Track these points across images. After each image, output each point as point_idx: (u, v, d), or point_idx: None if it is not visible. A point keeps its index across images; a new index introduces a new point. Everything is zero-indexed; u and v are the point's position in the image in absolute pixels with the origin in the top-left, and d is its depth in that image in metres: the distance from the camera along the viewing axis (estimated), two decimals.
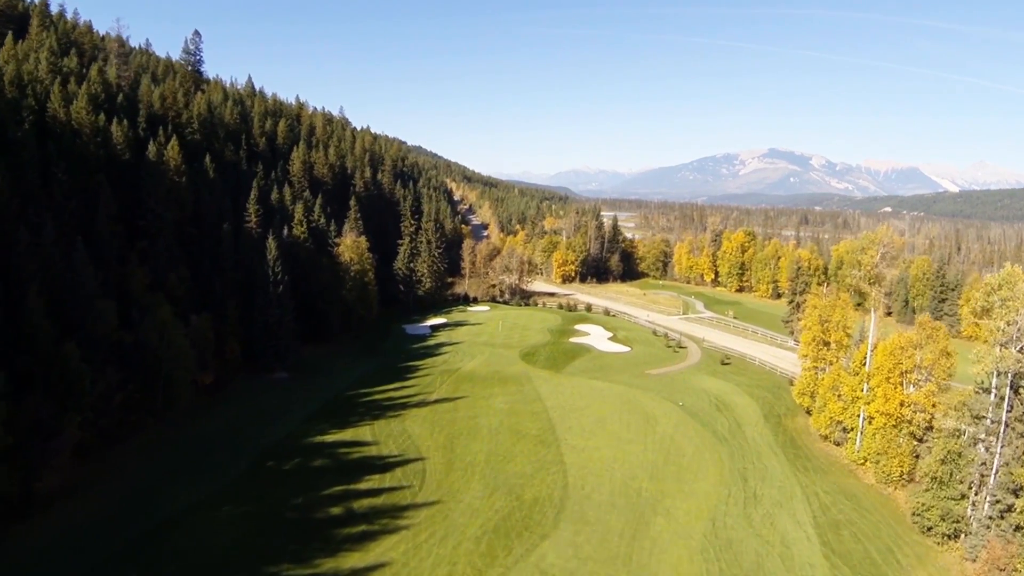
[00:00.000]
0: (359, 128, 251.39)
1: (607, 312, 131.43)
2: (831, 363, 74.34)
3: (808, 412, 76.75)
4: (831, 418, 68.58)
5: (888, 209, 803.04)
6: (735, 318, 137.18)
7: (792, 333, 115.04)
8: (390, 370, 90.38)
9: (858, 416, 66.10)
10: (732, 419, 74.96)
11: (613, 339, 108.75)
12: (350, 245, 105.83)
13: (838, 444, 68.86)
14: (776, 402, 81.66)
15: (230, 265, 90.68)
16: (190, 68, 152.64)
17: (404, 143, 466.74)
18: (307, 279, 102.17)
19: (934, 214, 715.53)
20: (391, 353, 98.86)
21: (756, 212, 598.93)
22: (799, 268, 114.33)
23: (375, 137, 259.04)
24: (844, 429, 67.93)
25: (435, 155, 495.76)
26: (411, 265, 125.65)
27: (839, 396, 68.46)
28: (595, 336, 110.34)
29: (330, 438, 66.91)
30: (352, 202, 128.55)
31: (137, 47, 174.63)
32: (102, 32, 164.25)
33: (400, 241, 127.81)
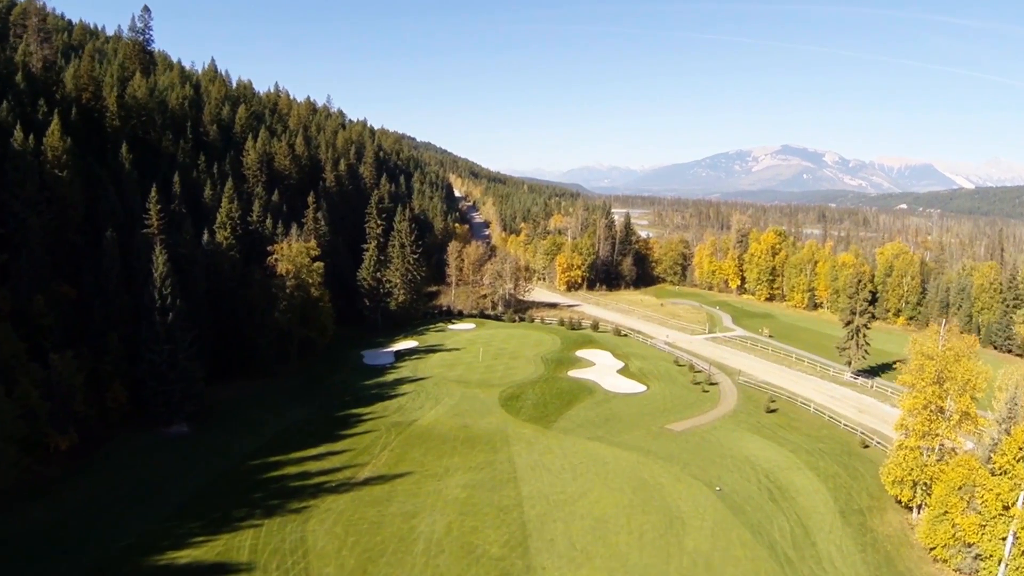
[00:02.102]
0: (353, 120, 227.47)
1: (617, 331, 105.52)
2: (947, 438, 48.34)
3: (905, 506, 50.99)
4: (956, 535, 42.69)
5: (904, 206, 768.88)
6: (771, 337, 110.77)
7: (850, 364, 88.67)
8: (323, 422, 65.58)
9: (1004, 540, 40.23)
10: (795, 517, 49.24)
11: (624, 372, 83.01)
12: (289, 253, 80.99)
13: (965, 574, 42.97)
14: (852, 483, 55.75)
15: (114, 284, 66.42)
16: (137, 48, 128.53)
17: (412, 139, 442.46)
18: (231, 297, 77.80)
19: (951, 211, 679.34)
20: (334, 393, 74.03)
21: (772, 209, 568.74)
22: (859, 282, 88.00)
23: (372, 130, 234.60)
24: (978, 555, 42.00)
25: (443, 151, 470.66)
26: (378, 275, 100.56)
27: (970, 502, 42.58)
28: (601, 367, 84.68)
29: (187, 555, 42.41)
30: (311, 199, 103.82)
31: (115, 34, 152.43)
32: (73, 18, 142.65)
33: (365, 246, 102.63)
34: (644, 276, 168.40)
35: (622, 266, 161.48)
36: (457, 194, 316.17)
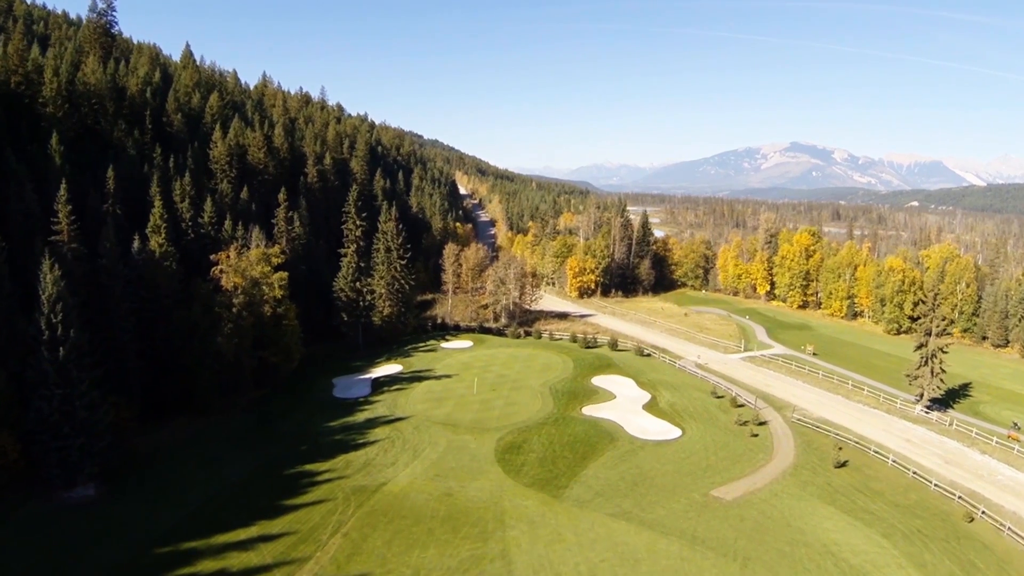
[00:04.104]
0: (352, 115, 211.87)
1: (640, 350, 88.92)
2: None
3: None
4: None
5: (915, 203, 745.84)
6: (815, 355, 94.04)
7: (922, 396, 71.96)
8: (266, 484, 49.70)
9: None
10: None
11: (652, 408, 66.50)
12: (237, 263, 65.14)
13: None
14: None
15: (3, 308, 51.09)
16: (98, 30, 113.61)
17: (419, 136, 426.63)
18: (168, 319, 62.12)
19: (962, 208, 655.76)
20: (289, 439, 58.03)
21: (785, 206, 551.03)
22: (935, 296, 71.45)
23: (372, 125, 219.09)
24: None
25: (450, 148, 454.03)
26: (357, 284, 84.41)
27: None
28: (623, 401, 68.24)
29: None
30: (281, 196, 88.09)
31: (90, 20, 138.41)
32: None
33: (343, 250, 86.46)
34: (662, 280, 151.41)
35: (639, 270, 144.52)
36: (463, 191, 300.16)
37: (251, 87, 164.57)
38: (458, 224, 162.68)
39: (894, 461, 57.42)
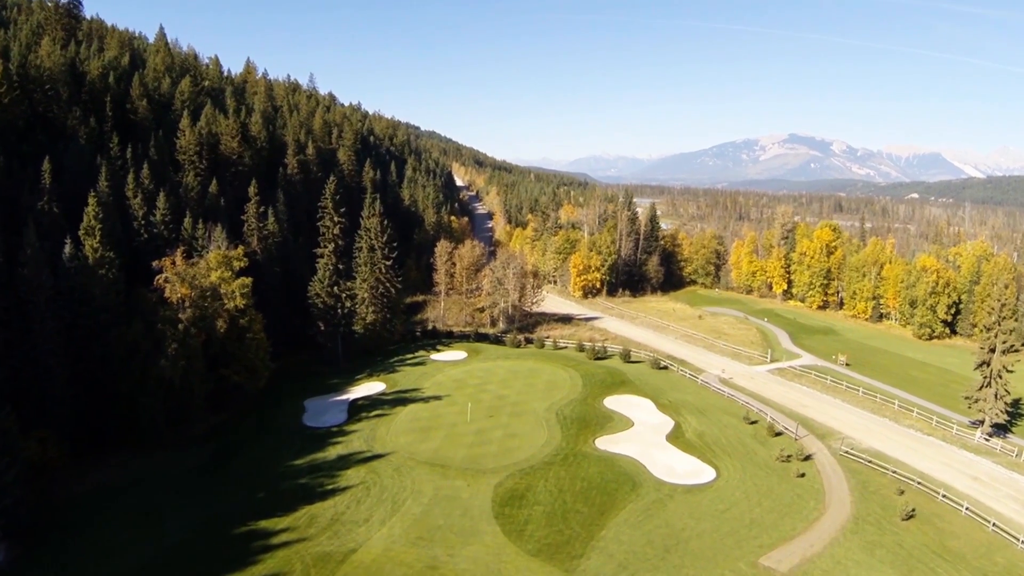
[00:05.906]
0: (344, 104, 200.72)
1: (656, 362, 78.68)
2: None
3: None
4: None
5: (915, 195, 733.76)
6: (848, 366, 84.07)
7: (983, 422, 62.00)
8: (209, 550, 39.64)
9: None
10: None
11: (677, 439, 56.36)
12: (185, 270, 54.89)
13: None
14: None
15: None
16: (60, 12, 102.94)
17: (416, 127, 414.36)
18: (104, 337, 51.95)
19: (962, 200, 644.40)
20: (246, 482, 47.98)
21: (786, 198, 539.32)
22: (1002, 306, 61.70)
23: (364, 114, 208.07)
24: None
25: (447, 139, 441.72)
26: (335, 289, 74.00)
27: None
28: (643, 430, 58.13)
29: None
30: (252, 189, 77.69)
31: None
32: None
33: (319, 251, 75.91)
34: (671, 278, 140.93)
35: (647, 267, 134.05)
36: (459, 183, 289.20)
37: (235, 75, 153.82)
38: (453, 217, 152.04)
39: (968, 509, 47.54)
